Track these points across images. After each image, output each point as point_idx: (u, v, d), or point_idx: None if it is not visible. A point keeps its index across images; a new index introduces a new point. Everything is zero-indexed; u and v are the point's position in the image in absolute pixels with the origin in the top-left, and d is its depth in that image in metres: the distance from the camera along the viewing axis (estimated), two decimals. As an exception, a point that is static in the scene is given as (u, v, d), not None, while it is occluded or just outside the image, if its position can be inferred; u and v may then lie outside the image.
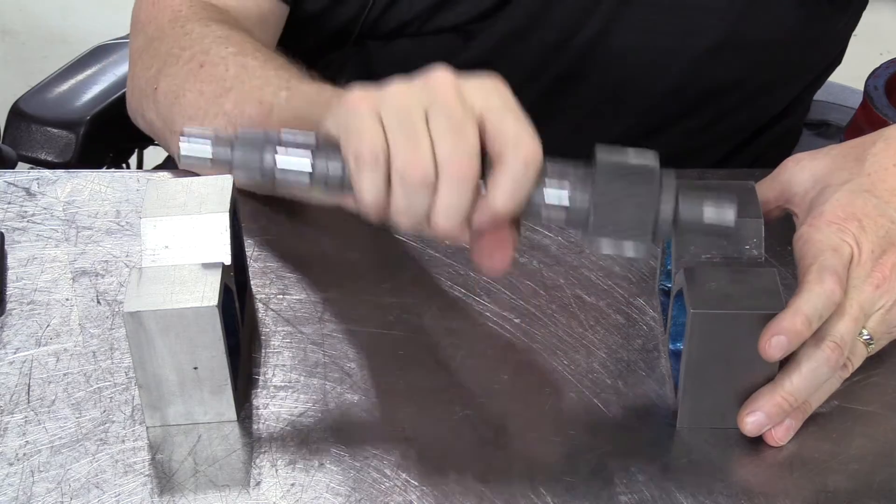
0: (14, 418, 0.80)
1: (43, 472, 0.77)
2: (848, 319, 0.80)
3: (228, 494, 0.75)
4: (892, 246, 0.83)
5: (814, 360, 0.79)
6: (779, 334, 0.77)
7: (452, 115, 0.79)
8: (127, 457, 0.78)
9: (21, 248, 0.94)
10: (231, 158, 0.79)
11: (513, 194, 0.78)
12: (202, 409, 0.79)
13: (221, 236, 0.81)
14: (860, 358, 0.81)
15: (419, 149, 0.78)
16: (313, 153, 0.80)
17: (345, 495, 0.75)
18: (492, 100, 0.80)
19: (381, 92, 0.80)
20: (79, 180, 1.00)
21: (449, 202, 0.78)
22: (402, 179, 0.78)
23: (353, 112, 0.79)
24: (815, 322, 0.78)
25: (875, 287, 0.81)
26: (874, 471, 0.76)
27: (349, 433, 0.79)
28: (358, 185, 0.79)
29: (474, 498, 0.74)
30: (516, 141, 0.78)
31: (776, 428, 0.79)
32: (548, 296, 0.90)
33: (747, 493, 0.75)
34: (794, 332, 0.77)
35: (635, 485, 0.76)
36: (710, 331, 0.77)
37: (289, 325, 0.87)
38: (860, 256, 0.82)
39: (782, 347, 0.77)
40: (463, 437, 0.78)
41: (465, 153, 0.78)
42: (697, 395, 0.79)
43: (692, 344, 0.77)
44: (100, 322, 0.87)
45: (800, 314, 0.78)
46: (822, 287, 0.79)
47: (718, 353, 0.78)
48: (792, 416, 0.79)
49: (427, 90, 0.80)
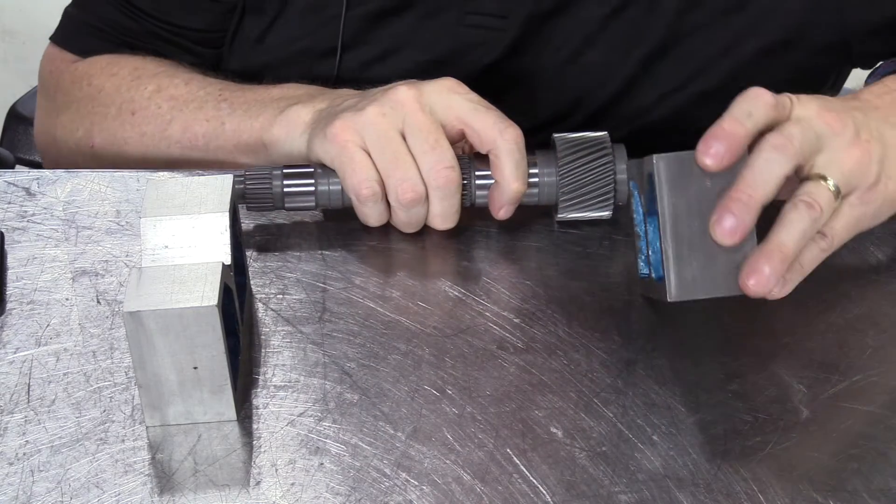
0: (14, 418, 0.80)
1: (43, 471, 0.77)
2: (793, 122, 0.82)
3: (228, 494, 0.75)
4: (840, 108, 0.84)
5: (759, 149, 0.81)
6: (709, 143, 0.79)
7: (424, 130, 0.91)
8: (127, 456, 0.78)
9: (21, 247, 0.94)
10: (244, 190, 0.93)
11: (519, 174, 0.92)
12: (202, 408, 0.79)
13: (221, 236, 0.82)
14: (826, 202, 0.82)
15: (407, 171, 0.91)
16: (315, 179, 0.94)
17: (345, 495, 0.75)
18: (454, 101, 0.92)
19: (359, 122, 0.91)
20: (79, 180, 1.00)
21: (441, 208, 0.92)
22: (398, 202, 0.91)
23: (343, 149, 0.91)
24: (744, 119, 0.80)
25: (825, 123, 0.83)
26: (874, 470, 0.76)
27: (349, 433, 0.79)
28: (362, 215, 0.93)
29: (474, 498, 0.74)
30: (499, 129, 0.91)
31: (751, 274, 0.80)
32: (547, 296, 0.90)
33: (747, 493, 0.75)
34: (723, 134, 0.79)
35: (635, 485, 0.76)
36: (678, 176, 0.79)
37: (289, 325, 0.87)
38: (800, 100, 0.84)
39: (718, 154, 0.79)
40: (463, 437, 0.78)
41: (445, 163, 0.91)
42: (684, 260, 0.79)
43: (666, 196, 0.79)
44: (100, 322, 0.87)
45: (726, 117, 0.80)
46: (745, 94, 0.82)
47: (692, 206, 0.79)
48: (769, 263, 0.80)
49: (396, 112, 0.91)
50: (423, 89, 0.93)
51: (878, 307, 0.88)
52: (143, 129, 1.07)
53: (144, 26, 1.14)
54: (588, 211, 0.95)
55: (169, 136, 1.06)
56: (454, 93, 0.93)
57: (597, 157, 0.94)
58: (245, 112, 1.03)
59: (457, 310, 0.89)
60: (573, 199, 0.94)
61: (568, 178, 0.94)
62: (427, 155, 0.91)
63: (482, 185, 0.94)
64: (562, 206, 0.94)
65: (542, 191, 0.94)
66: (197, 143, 1.05)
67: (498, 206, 0.93)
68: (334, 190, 0.93)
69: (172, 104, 1.07)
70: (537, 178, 0.94)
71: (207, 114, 1.05)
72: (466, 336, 0.86)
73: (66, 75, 1.14)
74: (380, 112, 0.92)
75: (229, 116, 1.04)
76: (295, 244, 0.95)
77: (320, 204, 0.95)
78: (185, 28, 1.14)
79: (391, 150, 0.91)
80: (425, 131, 0.91)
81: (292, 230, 0.96)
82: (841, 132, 0.83)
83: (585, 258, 0.93)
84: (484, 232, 0.96)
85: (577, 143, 0.94)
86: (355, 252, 0.94)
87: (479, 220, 0.96)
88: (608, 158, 0.94)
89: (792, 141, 0.81)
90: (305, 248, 0.94)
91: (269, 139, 1.00)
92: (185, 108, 1.06)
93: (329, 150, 0.92)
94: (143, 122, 1.07)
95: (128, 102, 1.09)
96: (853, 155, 0.83)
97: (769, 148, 0.81)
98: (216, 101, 1.05)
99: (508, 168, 0.91)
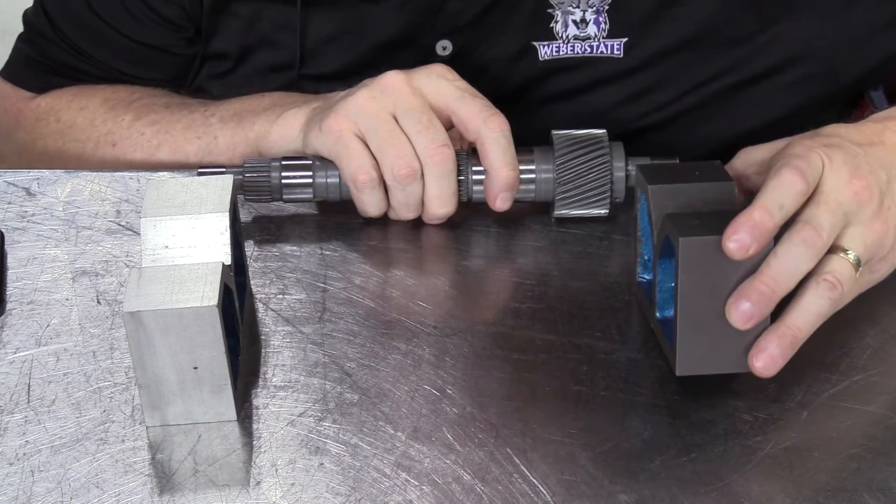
0: (14, 418, 0.80)
1: (43, 471, 0.77)
2: (823, 206, 0.79)
3: (228, 494, 0.75)
4: (868, 171, 0.81)
5: (788, 241, 0.78)
6: (738, 231, 0.76)
7: (416, 112, 0.91)
8: (127, 456, 0.78)
9: (21, 248, 0.94)
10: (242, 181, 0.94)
11: (507, 161, 0.92)
12: (202, 408, 0.79)
13: (221, 236, 0.82)
14: (848, 279, 0.80)
15: (401, 148, 0.91)
16: (313, 171, 0.94)
17: (345, 495, 0.75)
18: (443, 86, 0.92)
19: (351, 109, 0.92)
20: (79, 180, 1.01)
21: (438, 188, 0.92)
22: (395, 179, 0.91)
23: (338, 138, 0.92)
24: (775, 211, 0.77)
25: (854, 193, 0.80)
26: (874, 470, 0.76)
27: (349, 433, 0.79)
28: (361, 203, 0.94)
29: (474, 498, 0.74)
30: (483, 117, 0.92)
31: (760, 354, 0.78)
32: (547, 295, 0.90)
33: (747, 493, 0.75)
34: (752, 224, 0.76)
35: (635, 484, 0.76)
36: (700, 258, 0.77)
37: (289, 325, 0.87)
38: (832, 164, 0.80)
39: (744, 244, 0.76)
40: (463, 437, 0.78)
41: (439, 141, 0.91)
42: (694, 335, 0.78)
43: (684, 276, 0.77)
44: (100, 322, 0.87)
45: (757, 206, 0.77)
46: (779, 179, 0.78)
47: (709, 286, 0.77)
48: (778, 343, 0.78)
49: (387, 95, 0.92)
50: (413, 74, 0.93)
51: (878, 307, 0.88)
52: (130, 158, 1.06)
53: (100, 72, 1.12)
54: (585, 208, 0.95)
55: (158, 160, 1.05)
56: (443, 78, 0.93)
57: (594, 155, 0.94)
58: (237, 124, 1.02)
59: (457, 309, 0.89)
60: (570, 196, 0.94)
61: (565, 175, 0.94)
62: (421, 135, 0.91)
63: (479, 179, 0.94)
64: (559, 202, 0.94)
65: (539, 187, 0.95)
66: (188, 162, 1.04)
67: (493, 196, 0.93)
68: (332, 182, 0.94)
69: (157, 129, 1.05)
70: (534, 175, 0.94)
71: (197, 131, 1.04)
72: (466, 336, 0.86)
73: (28, 113, 1.12)
74: (370, 96, 0.92)
75: (221, 130, 1.03)
76: (295, 244, 0.95)
77: (318, 195, 0.95)
78: (142, 79, 1.11)
79: (385, 130, 0.91)
80: (418, 112, 0.91)
81: (292, 230, 0.96)
82: (868, 202, 0.81)
83: (585, 258, 0.93)
84: (483, 231, 0.96)
85: (574, 140, 0.94)
86: (355, 252, 0.94)
87: (479, 218, 0.96)
88: (605, 156, 0.94)
89: (821, 234, 0.78)
90: (305, 248, 0.94)
91: (265, 146, 1.00)
92: (172, 129, 1.05)
93: (325, 141, 0.93)
94: (128, 152, 1.06)
95: (106, 135, 1.07)
96: (876, 229, 0.81)
97: (799, 241, 0.78)
98: (204, 118, 1.04)
99: (494, 155, 0.92)
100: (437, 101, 0.92)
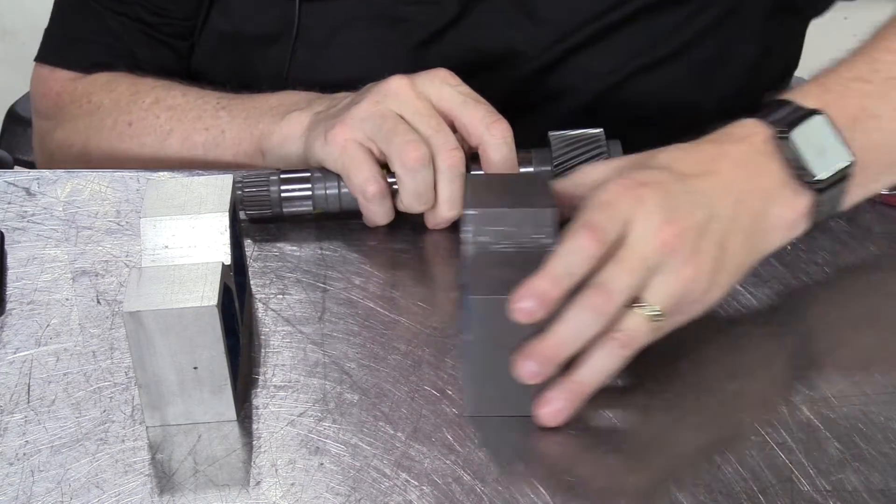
0: (14, 418, 0.80)
1: (43, 471, 0.77)
2: (621, 266, 0.76)
3: (228, 494, 0.75)
4: (684, 214, 0.78)
5: (577, 305, 0.75)
6: (523, 299, 0.74)
7: (425, 115, 0.91)
8: (127, 456, 0.78)
9: (21, 248, 0.94)
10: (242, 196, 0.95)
11: (509, 167, 0.92)
12: (202, 408, 0.79)
13: (221, 236, 0.82)
14: (643, 333, 0.77)
15: (408, 134, 0.90)
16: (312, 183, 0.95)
17: (345, 495, 0.75)
18: (446, 91, 0.92)
19: (355, 117, 0.91)
20: (79, 180, 1.01)
21: (450, 192, 0.91)
22: (404, 165, 0.90)
23: (343, 149, 0.92)
24: (563, 280, 0.75)
25: (662, 243, 0.77)
26: (874, 470, 0.76)
27: (349, 433, 0.79)
28: (370, 214, 0.94)
29: (474, 498, 0.74)
30: (486, 123, 0.92)
31: (546, 405, 0.76)
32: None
33: (747, 493, 0.75)
34: (538, 294, 0.74)
35: (635, 485, 0.76)
36: (490, 315, 0.76)
37: (289, 325, 0.87)
38: (644, 209, 0.77)
39: (529, 312, 0.74)
40: (463, 437, 0.78)
41: (451, 144, 0.91)
42: (482, 381, 0.78)
43: (474, 329, 0.77)
44: (100, 322, 0.87)
45: (545, 274, 0.75)
46: (572, 242, 0.76)
47: (500, 338, 0.76)
48: (564, 397, 0.77)
49: (392, 100, 0.92)
50: (416, 79, 0.93)
51: (878, 307, 0.88)
52: (142, 140, 1.07)
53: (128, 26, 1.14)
54: None
55: (168, 146, 1.06)
56: (446, 84, 0.93)
57: (592, 154, 0.94)
58: (244, 120, 1.03)
59: (457, 310, 0.89)
60: None
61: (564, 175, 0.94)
62: (432, 138, 0.91)
63: None
64: None
65: None
66: (196, 153, 1.05)
67: None
68: (331, 193, 0.94)
69: (171, 114, 1.07)
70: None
71: (206, 123, 1.05)
72: (466, 336, 0.86)
73: (65, 95, 1.14)
74: (374, 101, 0.92)
75: (229, 125, 1.04)
76: (295, 244, 0.95)
77: (318, 207, 0.95)
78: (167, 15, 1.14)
79: (389, 124, 0.91)
80: (426, 116, 0.91)
81: (292, 231, 0.96)
82: (679, 251, 0.77)
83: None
84: (484, 232, 0.96)
85: (572, 140, 0.95)
86: (355, 252, 0.94)
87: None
88: (604, 155, 0.94)
89: (612, 298, 0.75)
90: (305, 248, 0.94)
91: (268, 146, 1.00)
92: (184, 117, 1.06)
93: (331, 152, 0.93)
94: (141, 133, 1.07)
95: (125, 115, 1.09)
96: (686, 275, 0.77)
97: (587, 307, 0.75)
98: (215, 110, 1.05)
99: (496, 161, 0.92)
100: (440, 105, 0.92)
